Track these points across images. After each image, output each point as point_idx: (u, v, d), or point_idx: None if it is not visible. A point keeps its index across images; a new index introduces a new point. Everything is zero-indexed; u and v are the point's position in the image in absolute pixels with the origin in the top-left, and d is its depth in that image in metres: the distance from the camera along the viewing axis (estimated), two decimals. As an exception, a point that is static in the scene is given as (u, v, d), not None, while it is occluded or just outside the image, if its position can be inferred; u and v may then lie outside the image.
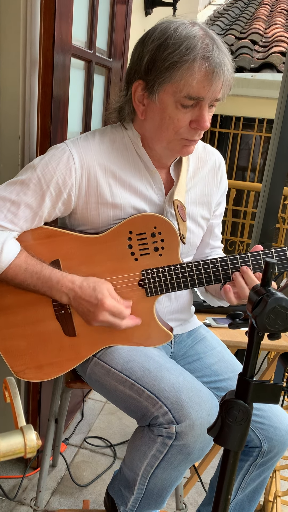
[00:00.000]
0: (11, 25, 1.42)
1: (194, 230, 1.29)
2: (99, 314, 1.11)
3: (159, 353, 1.21)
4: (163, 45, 1.03)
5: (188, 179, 1.26)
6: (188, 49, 1.01)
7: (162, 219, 1.16)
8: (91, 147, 1.16)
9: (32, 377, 1.22)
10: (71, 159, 1.13)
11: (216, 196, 1.33)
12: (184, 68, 1.01)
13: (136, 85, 1.11)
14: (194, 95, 1.04)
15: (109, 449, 2.08)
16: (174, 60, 1.02)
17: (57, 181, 1.12)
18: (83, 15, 1.69)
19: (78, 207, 1.17)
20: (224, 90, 1.07)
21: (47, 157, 1.14)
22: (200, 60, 1.01)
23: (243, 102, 4.77)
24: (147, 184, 1.20)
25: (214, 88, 1.04)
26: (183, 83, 1.03)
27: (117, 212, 1.18)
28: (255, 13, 6.56)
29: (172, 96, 1.06)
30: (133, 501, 1.18)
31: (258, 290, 0.72)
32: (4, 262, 1.09)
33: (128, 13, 2.05)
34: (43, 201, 1.12)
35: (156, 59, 1.04)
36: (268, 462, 1.22)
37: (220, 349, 1.36)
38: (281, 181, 2.26)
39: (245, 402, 0.76)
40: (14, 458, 0.50)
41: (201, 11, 6.38)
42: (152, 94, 1.08)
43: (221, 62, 1.02)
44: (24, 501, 1.74)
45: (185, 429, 1.04)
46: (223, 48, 1.05)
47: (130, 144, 1.19)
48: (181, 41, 1.01)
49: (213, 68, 1.01)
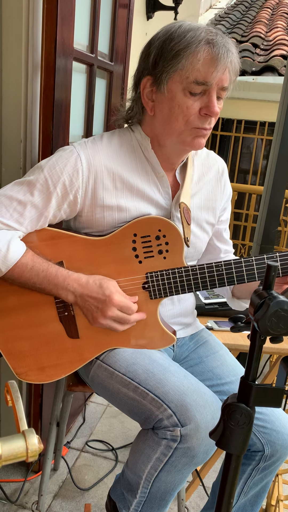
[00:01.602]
0: (13, 29, 1.43)
1: (199, 234, 1.29)
2: (108, 310, 1.11)
3: (162, 356, 1.21)
4: (168, 39, 1.08)
5: (193, 184, 1.27)
6: (193, 37, 1.05)
7: (167, 222, 1.16)
8: (99, 150, 1.16)
9: (34, 379, 1.22)
10: (79, 161, 1.13)
11: (221, 202, 1.34)
12: (189, 52, 1.05)
13: (144, 82, 1.13)
14: (201, 79, 1.06)
15: (111, 452, 2.07)
16: (180, 48, 1.05)
17: (64, 182, 1.12)
18: (84, 19, 1.70)
19: (83, 210, 1.17)
20: (230, 76, 1.09)
21: (55, 158, 1.14)
22: (204, 44, 1.05)
23: (244, 105, 4.78)
24: (155, 188, 1.21)
25: (220, 70, 1.06)
26: (190, 68, 1.06)
27: (123, 215, 1.18)
28: (256, 16, 6.58)
29: (180, 84, 1.08)
30: (136, 504, 1.18)
31: (260, 293, 0.72)
32: (11, 260, 1.09)
33: (130, 17, 2.05)
34: (49, 201, 1.13)
35: (163, 52, 1.08)
36: (270, 466, 1.22)
37: (222, 353, 1.35)
38: (283, 184, 2.26)
39: (247, 405, 0.75)
40: (16, 462, 0.50)
41: (202, 14, 6.40)
42: (160, 86, 1.10)
43: (225, 46, 1.06)
44: (25, 504, 1.73)
45: (190, 432, 1.04)
46: (227, 37, 1.08)
47: (138, 147, 1.20)
48: (186, 32, 1.06)
49: (218, 51, 1.04)
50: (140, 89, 1.15)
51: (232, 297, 1.40)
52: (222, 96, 1.12)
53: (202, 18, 6.26)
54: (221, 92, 1.11)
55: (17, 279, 1.13)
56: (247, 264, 1.16)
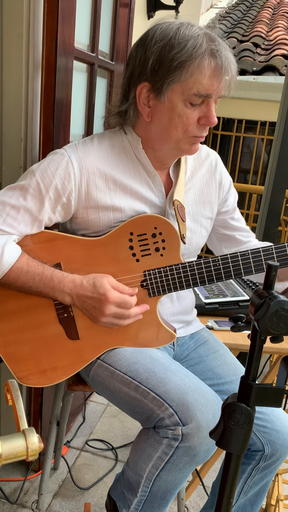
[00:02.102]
0: (14, 28, 1.42)
1: (196, 230, 1.29)
2: (105, 308, 1.11)
3: (163, 355, 1.21)
4: (168, 45, 1.05)
5: (187, 180, 1.27)
6: (195, 48, 1.03)
7: (162, 219, 1.17)
8: (90, 152, 1.16)
9: (35, 382, 1.21)
10: (70, 164, 1.13)
11: (217, 194, 1.33)
12: (193, 66, 1.03)
13: (140, 88, 1.11)
14: (203, 92, 1.06)
15: (110, 452, 2.07)
16: (182, 59, 1.03)
17: (56, 186, 1.12)
18: (85, 18, 1.70)
19: (78, 212, 1.17)
20: (231, 85, 1.09)
21: (46, 162, 1.14)
22: (209, 58, 1.03)
23: (245, 105, 4.78)
24: (147, 187, 1.21)
25: (222, 84, 1.06)
26: (193, 81, 1.05)
27: (118, 214, 1.18)
28: (257, 16, 6.58)
29: (180, 95, 1.07)
30: (136, 503, 1.18)
31: (260, 293, 0.72)
32: (6, 265, 1.09)
33: (131, 16, 2.05)
34: (42, 205, 1.13)
35: (163, 60, 1.06)
36: (270, 466, 1.22)
37: (223, 352, 1.35)
38: (284, 183, 2.26)
39: (248, 405, 0.75)
40: (16, 461, 0.50)
41: (203, 14, 6.40)
42: (160, 95, 1.09)
43: (228, 59, 1.05)
44: (25, 504, 1.73)
45: (191, 431, 1.04)
46: (226, 46, 1.07)
47: (129, 147, 1.20)
48: (186, 40, 1.03)
49: (221, 64, 1.04)
50: (136, 94, 1.12)
51: None
52: (217, 101, 1.12)
53: (203, 18, 6.26)
54: (218, 99, 1.11)
55: (13, 283, 1.13)
56: (243, 258, 1.17)
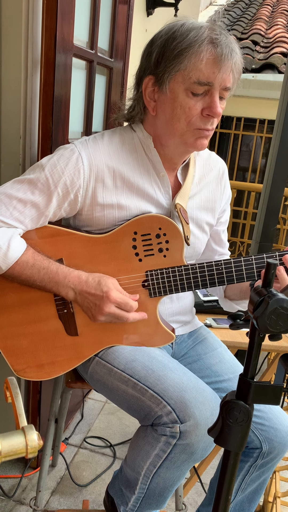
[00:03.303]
0: (12, 25, 1.42)
1: (199, 235, 1.29)
2: (105, 306, 1.11)
3: (161, 353, 1.21)
4: (171, 38, 1.06)
5: (194, 185, 1.27)
6: (196, 36, 1.03)
7: (167, 220, 1.16)
8: (100, 148, 1.16)
9: (32, 376, 1.22)
10: (80, 160, 1.13)
11: (221, 203, 1.34)
12: (192, 52, 1.03)
13: (146, 81, 1.12)
14: (204, 79, 1.05)
15: (109, 449, 2.08)
16: (182, 47, 1.04)
17: (65, 182, 1.12)
18: (84, 15, 1.69)
19: (84, 208, 1.17)
20: (233, 75, 1.08)
21: (56, 157, 1.13)
22: (208, 44, 1.03)
23: (244, 102, 4.78)
24: (155, 187, 1.20)
25: (223, 72, 1.05)
26: (192, 68, 1.04)
27: (123, 213, 1.18)
28: (256, 13, 6.56)
29: (182, 84, 1.07)
30: (134, 500, 1.18)
31: (259, 291, 0.72)
32: (12, 258, 1.09)
33: (130, 13, 2.05)
34: (50, 201, 1.12)
35: (165, 51, 1.07)
36: (268, 463, 1.22)
37: (221, 350, 1.36)
38: (282, 182, 2.26)
39: (246, 403, 0.75)
40: (15, 458, 0.50)
41: (202, 11, 6.38)
42: (162, 85, 1.09)
43: (229, 46, 1.04)
44: (23, 500, 1.74)
45: (189, 429, 1.04)
46: (230, 36, 1.07)
47: (139, 145, 1.20)
48: (189, 31, 1.04)
49: (221, 51, 1.03)
50: (142, 89, 1.13)
51: (224, 297, 1.40)
52: (225, 96, 1.11)
53: (202, 15, 6.25)
54: (224, 92, 1.09)
55: (18, 276, 1.13)
56: (246, 263, 1.16)
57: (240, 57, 1.08)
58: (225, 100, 1.12)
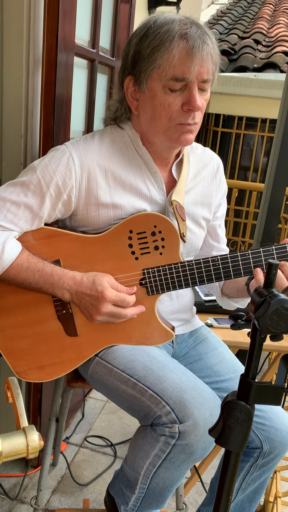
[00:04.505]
0: (14, 24, 1.42)
1: (195, 230, 1.29)
2: (101, 306, 1.11)
3: (161, 352, 1.21)
4: (144, 36, 1.07)
5: (189, 181, 1.27)
6: (167, 32, 1.03)
7: (162, 218, 1.16)
8: (91, 148, 1.16)
9: (34, 377, 1.22)
10: (71, 160, 1.13)
11: (216, 198, 1.34)
12: (164, 49, 1.03)
13: (127, 82, 1.13)
14: (179, 75, 1.04)
15: (109, 448, 2.08)
16: (154, 45, 1.04)
17: (57, 182, 1.12)
18: (86, 14, 1.69)
19: (78, 209, 1.17)
20: (208, 66, 1.06)
21: (47, 159, 1.14)
22: (178, 39, 1.03)
23: (245, 102, 4.76)
24: (149, 184, 1.20)
25: (197, 64, 1.03)
26: (166, 65, 1.04)
27: (118, 212, 1.18)
28: (258, 12, 6.55)
29: (159, 82, 1.07)
30: (134, 500, 1.18)
31: (260, 291, 0.72)
32: (6, 261, 1.09)
33: (132, 12, 2.04)
34: (43, 202, 1.13)
35: (140, 50, 1.07)
36: (269, 463, 1.22)
37: (222, 350, 1.36)
38: (284, 181, 2.25)
39: (247, 403, 0.75)
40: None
41: (204, 10, 6.37)
42: (141, 85, 1.10)
43: (200, 38, 1.03)
44: (24, 499, 1.74)
45: (188, 429, 1.04)
46: (204, 28, 1.06)
47: (130, 143, 1.20)
48: (160, 28, 1.05)
49: (192, 44, 1.02)
50: (124, 89, 1.14)
51: (222, 296, 1.40)
52: (206, 88, 1.09)
53: (204, 14, 6.24)
54: (203, 84, 1.08)
55: (13, 279, 1.13)
56: (243, 258, 1.16)
57: (214, 46, 1.06)
58: (207, 91, 1.11)
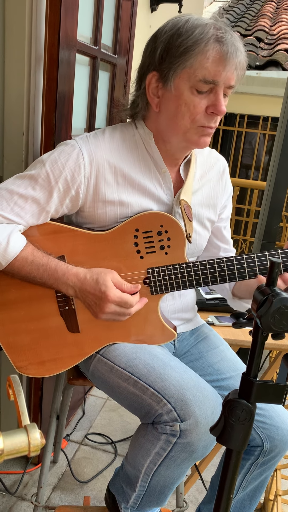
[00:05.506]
0: (16, 20, 1.41)
1: (200, 232, 1.29)
2: (105, 307, 1.11)
3: (162, 351, 1.21)
4: (176, 34, 1.05)
5: (196, 181, 1.27)
6: (202, 34, 1.03)
7: (169, 217, 1.16)
8: (101, 144, 1.15)
9: (34, 372, 1.22)
10: (81, 156, 1.12)
11: (222, 200, 1.34)
12: (198, 50, 1.03)
13: (150, 77, 1.12)
14: (210, 78, 1.05)
15: (110, 446, 2.08)
16: (188, 45, 1.04)
17: (66, 177, 1.12)
18: (88, 11, 1.68)
19: (85, 205, 1.17)
20: (237, 74, 1.08)
21: (56, 153, 1.13)
22: (214, 42, 1.03)
23: (247, 100, 4.76)
24: (157, 183, 1.20)
25: (228, 70, 1.05)
26: (198, 66, 1.04)
27: (125, 210, 1.17)
28: (260, 10, 6.53)
29: (187, 82, 1.07)
30: (135, 498, 1.19)
31: (263, 290, 0.72)
32: (11, 254, 1.09)
33: (134, 10, 2.04)
34: (50, 196, 1.12)
35: (170, 47, 1.06)
36: (269, 461, 1.22)
37: (223, 348, 1.36)
38: (286, 179, 2.25)
39: (248, 402, 0.75)
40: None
41: (206, 7, 6.35)
42: (167, 82, 1.09)
43: (234, 45, 1.04)
44: (25, 496, 1.74)
45: (190, 427, 1.04)
46: (235, 34, 1.07)
47: (140, 142, 1.19)
48: (194, 28, 1.04)
49: (227, 50, 1.03)
50: (145, 85, 1.13)
51: (233, 298, 1.39)
52: (228, 93, 1.11)
53: (206, 11, 6.22)
54: (227, 90, 1.10)
55: (17, 273, 1.13)
56: (248, 261, 1.16)
57: (245, 55, 1.08)
58: (227, 97, 1.12)
